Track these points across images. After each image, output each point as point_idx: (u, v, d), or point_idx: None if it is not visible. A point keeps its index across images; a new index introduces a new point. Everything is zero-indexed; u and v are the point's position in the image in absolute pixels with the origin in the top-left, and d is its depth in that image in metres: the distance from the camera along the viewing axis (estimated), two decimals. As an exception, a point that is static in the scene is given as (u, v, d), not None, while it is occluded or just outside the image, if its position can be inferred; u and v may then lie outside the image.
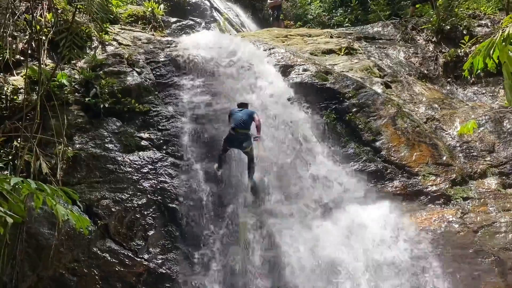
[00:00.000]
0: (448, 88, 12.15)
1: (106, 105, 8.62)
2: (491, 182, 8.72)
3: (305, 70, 10.54)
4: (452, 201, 8.38)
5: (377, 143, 9.24)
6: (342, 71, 11.24)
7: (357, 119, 9.58)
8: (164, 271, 7.22)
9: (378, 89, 10.68)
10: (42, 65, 7.80)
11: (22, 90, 7.96)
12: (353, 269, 7.43)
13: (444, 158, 9.04)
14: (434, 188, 8.56)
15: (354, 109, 9.73)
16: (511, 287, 7.24)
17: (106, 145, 8.21)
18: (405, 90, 11.25)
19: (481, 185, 8.68)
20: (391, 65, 12.51)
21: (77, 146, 7.98)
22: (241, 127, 8.04)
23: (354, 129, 9.50)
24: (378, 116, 9.61)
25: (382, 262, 7.55)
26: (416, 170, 8.80)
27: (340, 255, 7.57)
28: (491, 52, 4.20)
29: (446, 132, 9.82)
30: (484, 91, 11.75)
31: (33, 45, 8.94)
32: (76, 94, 8.77)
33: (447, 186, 8.58)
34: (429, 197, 8.48)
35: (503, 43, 4.09)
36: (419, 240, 7.83)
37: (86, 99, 8.62)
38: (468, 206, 8.32)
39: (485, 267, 7.47)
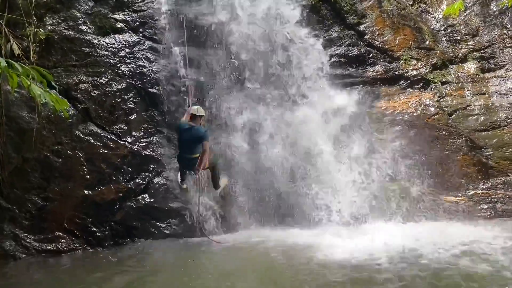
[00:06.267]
0: (438, -32, 11.54)
1: (75, -18, 8.00)
2: (471, 66, 8.77)
3: None
4: (430, 85, 8.53)
5: (362, 27, 9.00)
6: None
7: (343, 1, 9.18)
8: (148, 153, 7.43)
9: (366, -32, 10.07)
10: None
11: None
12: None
13: (427, 42, 8.94)
14: (415, 72, 8.61)
15: (340, -10, 9.28)
16: (477, 164, 7.75)
17: (80, 27, 7.78)
18: (394, -30, 10.66)
19: (460, 70, 8.75)
20: None
21: (49, 27, 7.55)
22: (189, 153, 6.79)
23: (339, 12, 9.15)
24: (364, -2, 9.22)
25: (355, 143, 7.93)
26: (398, 54, 8.75)
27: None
28: None
29: (431, 16, 9.55)
30: (475, -28, 11.23)
31: None
32: (41, -30, 8.09)
33: (427, 70, 8.64)
34: (408, 81, 8.58)
35: None
36: (395, 123, 8.11)
37: (53, -25, 7.97)
38: (446, 90, 8.49)
39: (455, 147, 7.89)
